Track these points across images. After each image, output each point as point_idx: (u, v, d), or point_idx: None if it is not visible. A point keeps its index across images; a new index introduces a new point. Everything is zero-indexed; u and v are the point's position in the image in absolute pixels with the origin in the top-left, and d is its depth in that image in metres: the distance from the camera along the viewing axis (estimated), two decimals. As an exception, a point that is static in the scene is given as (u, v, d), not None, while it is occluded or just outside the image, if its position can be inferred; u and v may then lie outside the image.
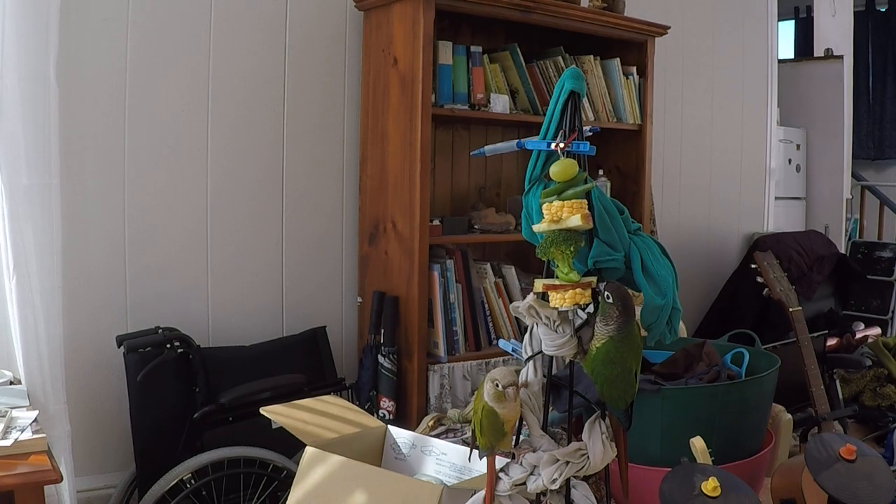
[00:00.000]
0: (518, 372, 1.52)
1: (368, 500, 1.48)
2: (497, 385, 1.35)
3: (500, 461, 1.44)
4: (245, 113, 2.90)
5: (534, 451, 1.43)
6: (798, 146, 5.35)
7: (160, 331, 2.55)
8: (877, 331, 3.75)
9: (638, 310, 1.48)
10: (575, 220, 1.39)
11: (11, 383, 2.30)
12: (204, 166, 2.83)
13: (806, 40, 6.65)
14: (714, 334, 3.58)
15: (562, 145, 1.46)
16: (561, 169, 1.41)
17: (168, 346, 2.52)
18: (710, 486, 1.49)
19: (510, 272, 3.22)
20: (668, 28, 3.55)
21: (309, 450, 1.64)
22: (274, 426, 2.45)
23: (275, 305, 3.01)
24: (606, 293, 1.35)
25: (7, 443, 1.86)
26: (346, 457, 1.57)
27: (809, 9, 6.61)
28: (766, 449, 2.24)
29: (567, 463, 1.39)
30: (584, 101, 3.06)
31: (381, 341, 2.89)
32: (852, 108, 5.52)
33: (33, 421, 2.00)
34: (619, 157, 3.57)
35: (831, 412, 2.66)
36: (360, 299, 3.10)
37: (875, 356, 3.63)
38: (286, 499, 1.67)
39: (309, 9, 3.01)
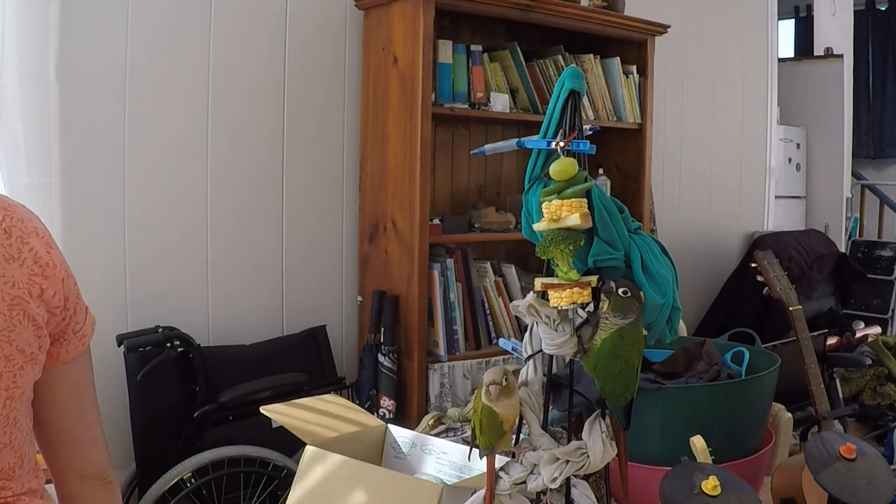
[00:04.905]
0: (515, 371, 1.52)
1: (368, 499, 1.48)
2: (493, 384, 1.35)
3: (500, 460, 1.44)
4: (245, 112, 2.90)
5: (534, 449, 1.43)
6: (798, 145, 5.35)
7: (160, 330, 2.56)
8: (877, 330, 3.75)
9: (638, 309, 1.47)
10: (574, 219, 1.38)
11: (12, 382, 2.30)
12: (204, 165, 2.83)
13: (806, 39, 6.65)
14: (714, 333, 3.58)
15: (562, 144, 1.46)
16: (561, 168, 1.41)
17: (168, 345, 2.52)
18: (710, 485, 1.49)
19: (510, 271, 3.22)
20: (668, 27, 3.55)
21: (309, 449, 1.64)
22: (274, 425, 2.46)
23: (275, 304, 3.01)
24: (623, 289, 1.34)
25: (7, 442, 1.86)
26: (346, 456, 1.57)
27: (809, 8, 6.61)
28: (766, 448, 2.24)
29: (567, 462, 1.39)
30: (584, 100, 3.06)
31: (382, 340, 2.89)
32: (852, 106, 5.52)
33: (33, 420, 2.00)
34: (619, 155, 3.57)
35: (831, 411, 2.66)
36: (360, 298, 3.10)
37: (875, 355, 3.62)
38: (286, 498, 1.67)
39: (309, 7, 3.01)
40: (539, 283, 1.44)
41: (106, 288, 2.66)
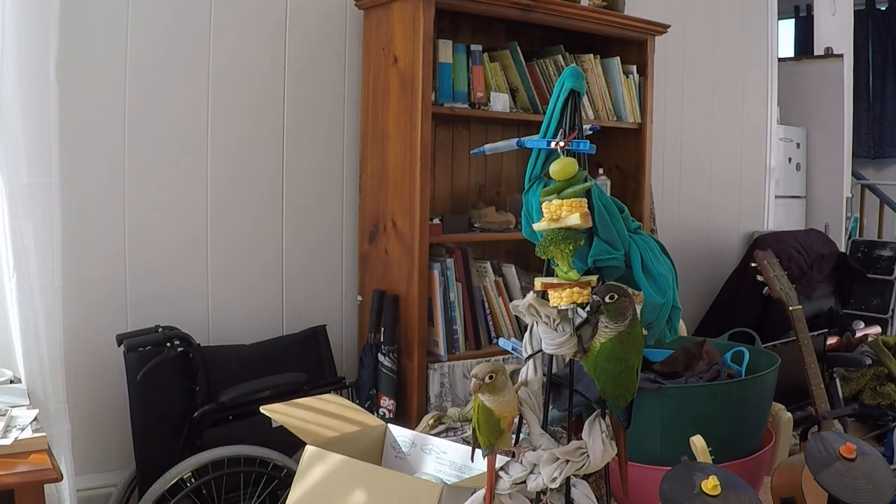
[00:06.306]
0: (515, 371, 1.52)
1: (368, 499, 1.48)
2: (475, 377, 1.35)
3: (500, 460, 1.45)
4: (245, 111, 2.90)
5: (534, 449, 1.43)
6: (798, 145, 5.35)
7: (160, 329, 2.55)
8: (877, 329, 3.75)
9: (638, 308, 1.48)
10: (574, 219, 1.39)
11: (11, 382, 2.30)
12: (204, 165, 2.83)
13: (806, 39, 6.65)
14: (714, 333, 3.58)
15: (562, 144, 1.46)
16: (561, 167, 1.42)
17: (168, 344, 2.52)
18: (710, 484, 1.49)
19: (510, 271, 3.22)
20: (669, 27, 3.55)
21: (309, 448, 1.64)
22: (274, 425, 2.46)
23: (275, 304, 3.01)
24: (609, 295, 1.34)
25: (7, 441, 1.86)
26: (346, 455, 1.57)
27: (809, 7, 6.61)
28: (767, 448, 2.25)
29: (567, 461, 1.39)
30: (584, 99, 3.06)
31: (382, 340, 2.89)
32: (852, 106, 5.51)
33: (33, 420, 2.00)
34: (619, 155, 3.57)
35: (831, 411, 2.66)
36: (360, 298, 3.10)
37: (875, 355, 3.63)
38: (286, 497, 1.67)
39: (309, 8, 3.01)
40: (539, 283, 1.44)
41: (106, 288, 2.66)
